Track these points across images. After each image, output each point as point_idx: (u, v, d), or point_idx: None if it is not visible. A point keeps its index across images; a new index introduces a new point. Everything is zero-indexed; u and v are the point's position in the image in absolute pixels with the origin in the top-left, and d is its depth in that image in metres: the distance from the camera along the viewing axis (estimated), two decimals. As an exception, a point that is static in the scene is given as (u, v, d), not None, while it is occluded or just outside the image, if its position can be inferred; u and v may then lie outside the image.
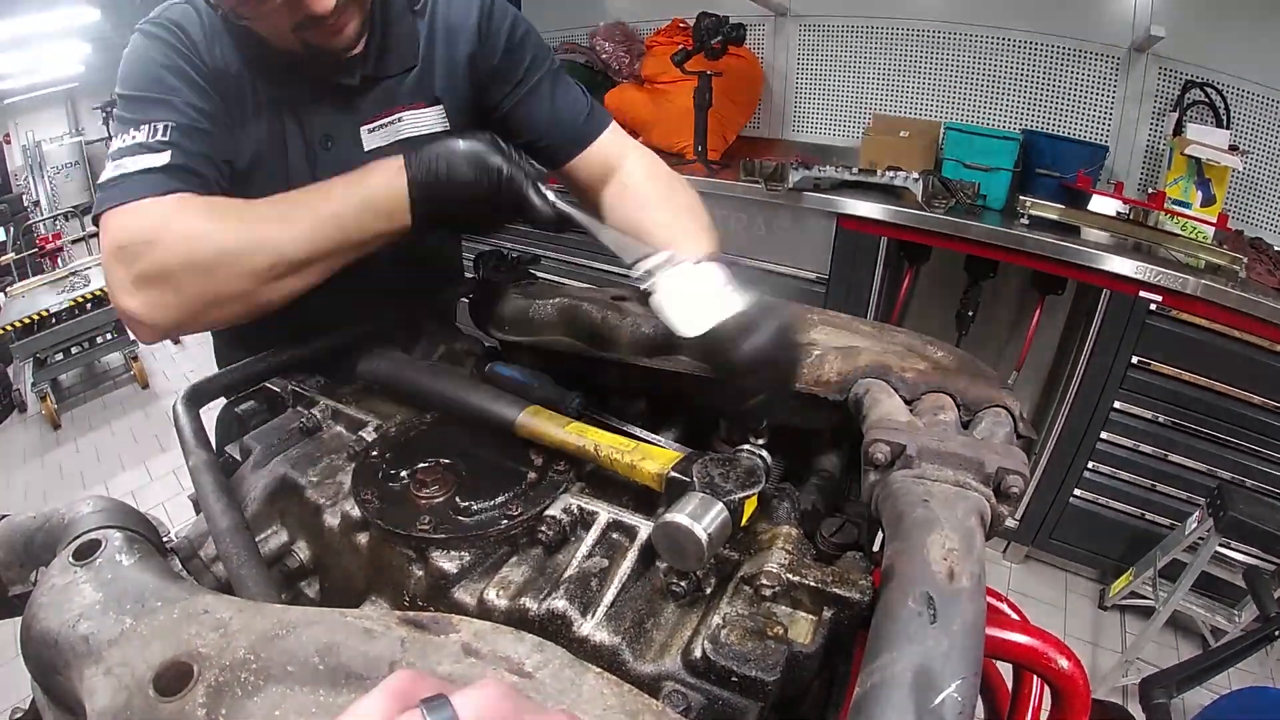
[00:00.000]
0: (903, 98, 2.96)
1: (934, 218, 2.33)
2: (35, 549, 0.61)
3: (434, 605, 0.65)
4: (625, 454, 0.68)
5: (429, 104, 1.01)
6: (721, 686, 0.52)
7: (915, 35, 2.84)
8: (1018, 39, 2.65)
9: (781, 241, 2.65)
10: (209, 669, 0.43)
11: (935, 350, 0.80)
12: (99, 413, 4.19)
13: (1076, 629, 2.43)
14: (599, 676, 0.43)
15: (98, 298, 4.20)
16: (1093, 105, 2.60)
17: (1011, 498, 0.57)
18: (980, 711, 0.84)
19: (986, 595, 0.48)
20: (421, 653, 0.44)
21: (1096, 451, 2.31)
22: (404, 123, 1.00)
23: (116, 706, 0.43)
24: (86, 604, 0.49)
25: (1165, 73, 2.45)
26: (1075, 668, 0.58)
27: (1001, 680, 0.85)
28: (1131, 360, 2.15)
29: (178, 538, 0.71)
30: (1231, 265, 2.03)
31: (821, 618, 0.56)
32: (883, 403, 0.68)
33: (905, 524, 0.51)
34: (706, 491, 0.59)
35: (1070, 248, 2.15)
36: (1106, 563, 2.48)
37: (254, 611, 0.48)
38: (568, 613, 0.57)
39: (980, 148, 2.51)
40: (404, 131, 1.00)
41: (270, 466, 0.79)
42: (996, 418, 0.68)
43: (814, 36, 3.08)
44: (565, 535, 0.67)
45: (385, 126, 0.99)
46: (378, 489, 0.70)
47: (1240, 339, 2.00)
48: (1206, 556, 1.99)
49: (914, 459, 0.58)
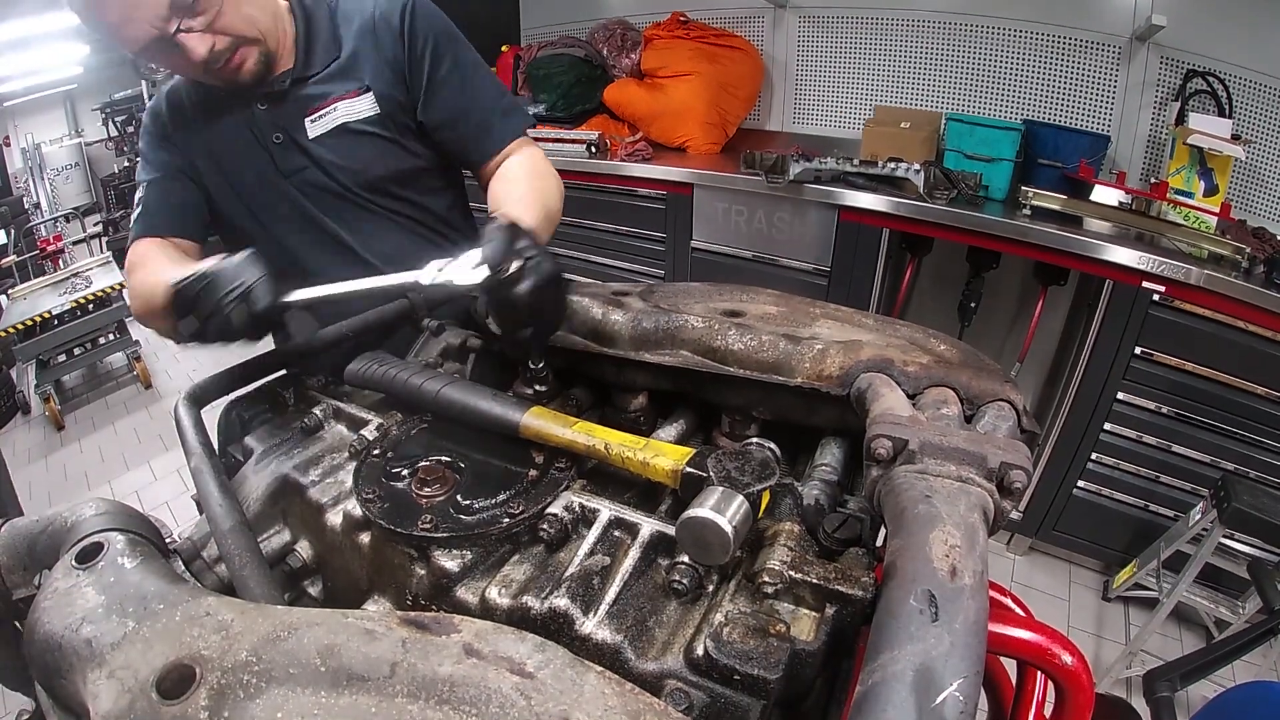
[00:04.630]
0: (904, 89, 2.95)
1: (936, 209, 2.32)
2: (38, 552, 0.61)
3: (436, 604, 0.65)
4: (637, 451, 0.68)
5: (360, 91, 1.13)
6: (724, 685, 0.52)
7: (916, 26, 2.82)
8: (1019, 29, 2.64)
9: (783, 234, 2.65)
10: (211, 671, 0.43)
11: (938, 344, 0.80)
12: (102, 413, 4.20)
13: (1080, 621, 2.43)
14: (600, 676, 0.43)
15: (99, 299, 4.20)
16: (1094, 95, 2.59)
17: (1014, 493, 0.57)
18: (984, 705, 0.84)
19: (990, 590, 0.48)
20: (423, 653, 0.44)
21: (1100, 443, 2.30)
22: (339, 111, 1.13)
23: (120, 710, 0.43)
24: (89, 607, 0.50)
25: (1167, 62, 2.43)
26: (1079, 663, 0.58)
27: (1005, 675, 0.85)
28: (1134, 351, 2.14)
29: (180, 539, 0.71)
30: (1234, 255, 2.02)
31: (824, 615, 0.56)
32: (885, 397, 0.68)
33: (907, 520, 0.51)
34: (725, 485, 0.59)
35: (1072, 238, 2.13)
36: (1110, 554, 2.47)
37: (256, 613, 0.48)
38: (569, 611, 0.57)
39: (982, 138, 2.50)
40: (340, 119, 1.13)
41: (272, 466, 0.79)
42: (1000, 412, 0.68)
43: (814, 28, 3.06)
44: (567, 533, 0.67)
45: (324, 116, 1.12)
46: (379, 488, 0.70)
47: (1244, 329, 1.99)
48: (1210, 548, 1.99)
49: (916, 454, 0.58)
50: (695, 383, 0.86)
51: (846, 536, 0.61)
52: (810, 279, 2.63)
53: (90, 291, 4.19)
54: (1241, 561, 2.09)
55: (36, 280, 4.88)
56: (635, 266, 3.07)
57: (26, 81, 6.31)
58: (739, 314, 0.88)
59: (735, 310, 0.89)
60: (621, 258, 3.09)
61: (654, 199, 2.89)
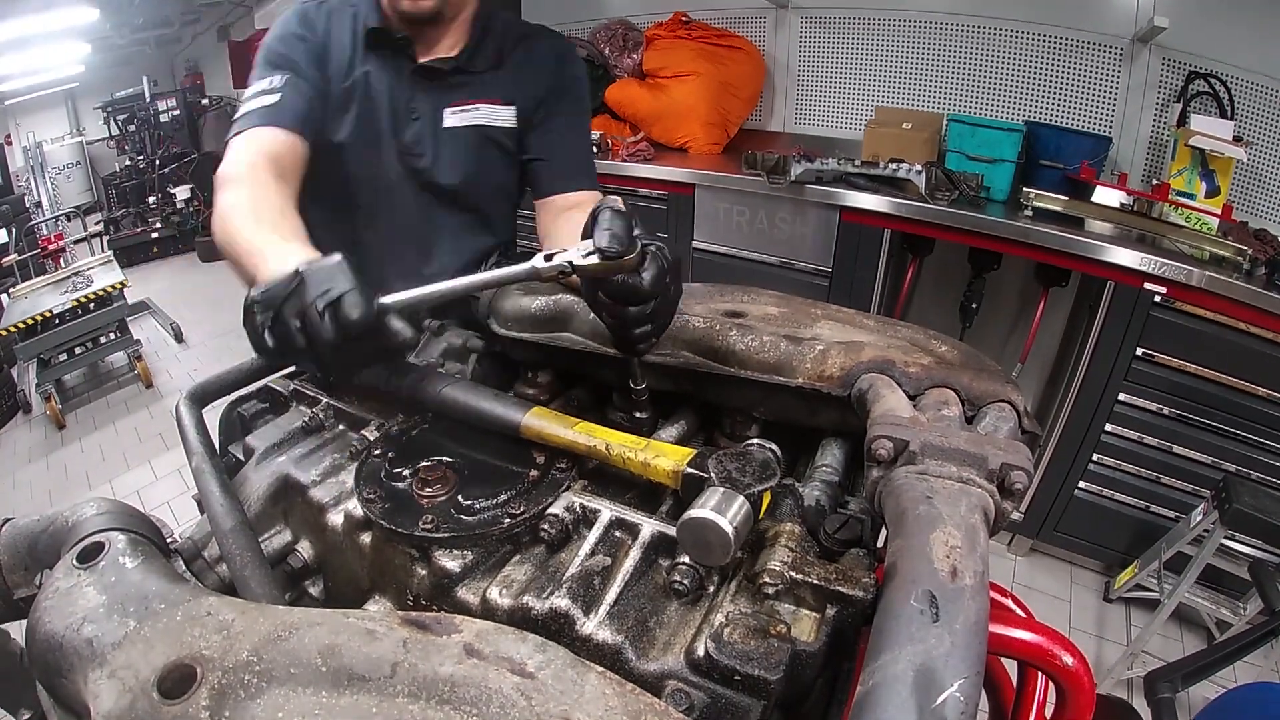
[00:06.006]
0: (905, 90, 2.94)
1: (937, 210, 2.31)
2: (40, 552, 0.61)
3: (437, 604, 0.65)
4: (638, 452, 0.68)
5: (505, 103, 1.19)
6: (724, 685, 0.52)
7: (918, 26, 2.82)
8: (1020, 30, 2.63)
9: (784, 235, 2.64)
10: (212, 671, 0.43)
11: (940, 345, 0.80)
12: (103, 412, 4.20)
13: (1081, 621, 2.43)
14: (601, 676, 0.43)
15: (100, 298, 4.20)
16: (1096, 96, 2.59)
17: (1015, 494, 0.57)
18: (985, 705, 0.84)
19: (991, 591, 0.48)
20: (424, 653, 0.44)
21: (1101, 444, 2.30)
22: (480, 112, 1.18)
23: (121, 709, 0.43)
24: (90, 607, 0.50)
25: (1169, 63, 2.43)
26: (1080, 664, 0.57)
27: (1006, 676, 0.85)
28: (1136, 352, 2.14)
29: (181, 539, 0.71)
30: (1236, 257, 2.02)
31: (825, 615, 0.56)
32: (886, 398, 0.68)
33: (908, 521, 0.51)
34: (726, 486, 0.59)
35: (1074, 239, 2.13)
36: (1111, 555, 2.47)
37: (257, 613, 0.48)
38: (570, 611, 0.57)
39: (983, 139, 2.50)
40: (478, 120, 1.18)
41: (273, 466, 0.79)
42: (1000, 413, 0.68)
43: (816, 28, 3.06)
44: (568, 533, 0.67)
45: (464, 111, 1.17)
46: (380, 488, 0.70)
47: (1245, 331, 1.99)
48: (1212, 549, 1.99)
49: (917, 455, 0.58)
50: (696, 383, 0.86)
51: (847, 537, 0.61)
52: (811, 280, 2.62)
53: (91, 290, 4.18)
54: (1243, 563, 2.09)
55: (38, 279, 4.88)
56: (636, 267, 3.06)
57: (28, 80, 6.31)
58: (740, 314, 0.88)
59: (736, 311, 0.89)
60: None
61: (655, 199, 2.89)
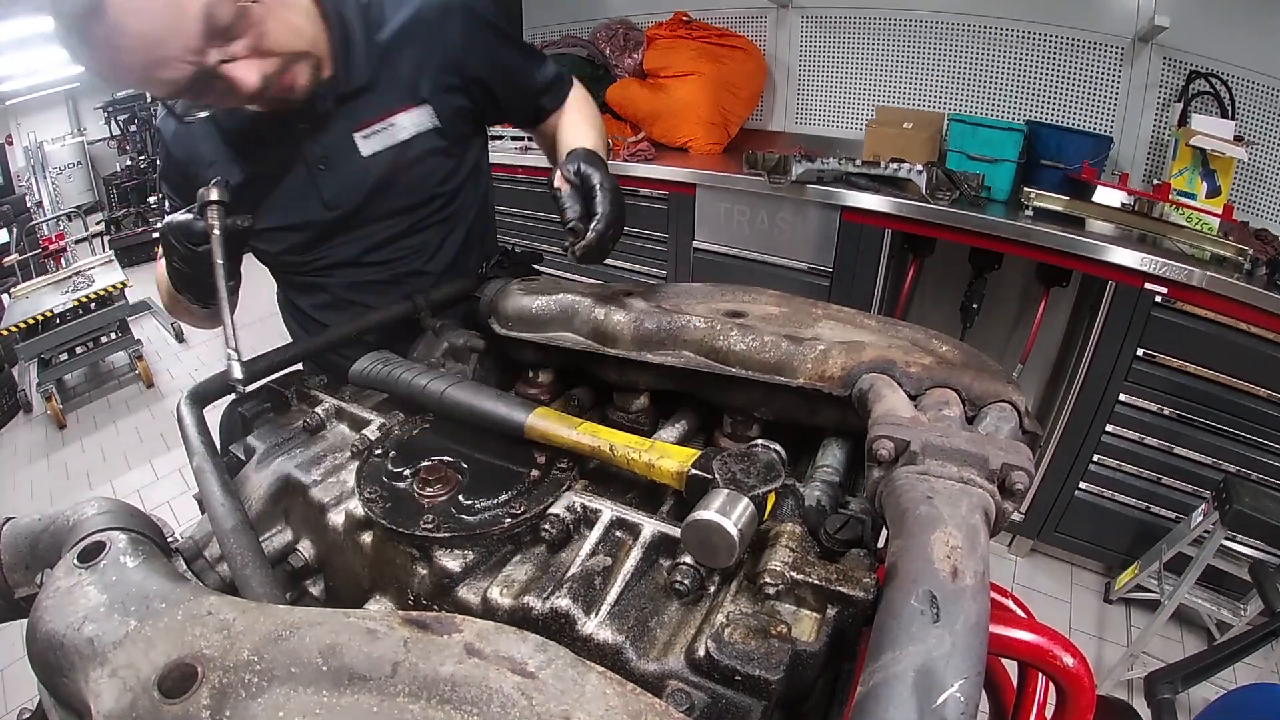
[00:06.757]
0: (906, 89, 2.94)
1: (938, 210, 2.31)
2: (40, 551, 0.61)
3: (438, 604, 0.65)
4: (642, 453, 0.68)
5: (416, 104, 1.07)
6: (725, 685, 0.52)
7: (918, 26, 2.82)
8: (1021, 29, 2.63)
9: (785, 235, 2.64)
10: (213, 670, 0.43)
11: (941, 345, 0.80)
12: (104, 412, 4.21)
13: (1081, 622, 2.43)
14: (602, 676, 0.43)
15: (101, 297, 4.21)
16: (1097, 96, 2.59)
17: (1016, 494, 0.57)
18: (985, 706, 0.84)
19: (991, 591, 0.48)
20: (424, 653, 0.44)
21: (1102, 444, 2.30)
22: (397, 126, 1.06)
23: (122, 708, 0.43)
24: (91, 606, 0.50)
25: (1170, 63, 2.43)
26: (1080, 665, 0.57)
27: (1007, 677, 0.85)
28: (1137, 353, 2.14)
29: (182, 538, 0.71)
30: (1236, 257, 2.02)
31: (825, 616, 0.56)
32: (887, 398, 0.68)
33: (909, 521, 0.51)
34: (730, 487, 0.59)
35: (1075, 239, 2.13)
36: (1112, 556, 2.47)
37: (257, 612, 0.48)
38: (571, 611, 0.57)
39: (984, 139, 2.50)
40: (400, 135, 1.06)
41: (274, 466, 0.79)
42: (1001, 413, 0.68)
43: (817, 28, 3.06)
44: (569, 533, 0.67)
45: (380, 132, 1.05)
46: (382, 488, 0.70)
47: (1246, 331, 1.99)
48: (1212, 550, 1.99)
49: (918, 455, 0.58)
50: (697, 383, 0.86)
51: (848, 537, 0.61)
52: (812, 279, 2.62)
53: (92, 290, 4.19)
54: (1243, 564, 2.09)
55: (38, 279, 4.89)
56: (637, 267, 3.07)
57: (29, 80, 6.32)
58: (741, 314, 0.88)
59: (737, 311, 0.89)
60: (623, 258, 3.09)
61: (656, 199, 2.89)
